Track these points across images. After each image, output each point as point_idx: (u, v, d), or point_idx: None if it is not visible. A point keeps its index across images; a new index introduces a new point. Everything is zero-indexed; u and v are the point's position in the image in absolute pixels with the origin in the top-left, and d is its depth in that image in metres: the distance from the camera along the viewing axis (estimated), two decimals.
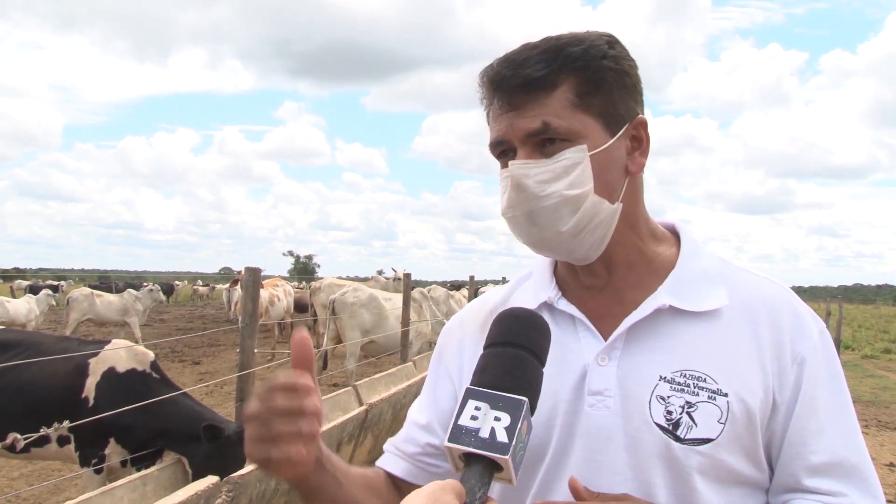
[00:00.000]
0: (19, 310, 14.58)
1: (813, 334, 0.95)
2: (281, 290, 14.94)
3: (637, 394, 0.93)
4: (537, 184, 0.92)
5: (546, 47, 0.94)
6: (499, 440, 0.68)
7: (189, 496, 2.98)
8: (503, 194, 0.97)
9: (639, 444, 0.91)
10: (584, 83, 0.93)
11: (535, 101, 0.92)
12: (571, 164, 0.92)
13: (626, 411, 0.93)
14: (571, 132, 0.93)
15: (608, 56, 0.95)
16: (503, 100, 0.95)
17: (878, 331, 27.18)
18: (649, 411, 0.92)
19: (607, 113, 0.95)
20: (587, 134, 0.93)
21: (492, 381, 0.72)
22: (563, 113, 0.92)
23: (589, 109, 0.94)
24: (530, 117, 0.92)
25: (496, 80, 0.95)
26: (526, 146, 0.94)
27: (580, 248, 0.96)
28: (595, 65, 0.94)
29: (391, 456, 1.13)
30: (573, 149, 0.93)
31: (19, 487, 5.51)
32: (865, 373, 14.82)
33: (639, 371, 0.94)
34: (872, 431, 8.70)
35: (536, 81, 0.92)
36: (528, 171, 0.93)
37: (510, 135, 0.94)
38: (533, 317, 0.81)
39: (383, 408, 5.68)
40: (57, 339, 4.80)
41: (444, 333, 1.17)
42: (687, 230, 1.07)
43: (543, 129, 0.92)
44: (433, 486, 0.66)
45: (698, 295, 0.97)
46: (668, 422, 0.90)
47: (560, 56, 0.93)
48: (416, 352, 9.39)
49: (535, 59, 0.93)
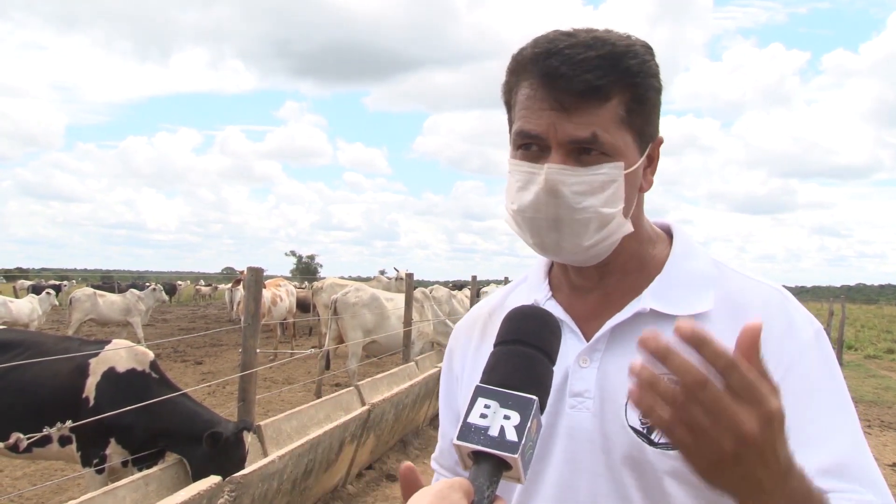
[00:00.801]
0: (22, 310, 14.60)
1: (805, 336, 0.92)
2: (283, 290, 14.94)
3: (615, 396, 0.92)
4: (574, 194, 0.89)
5: (604, 52, 0.89)
6: (508, 439, 0.67)
7: (191, 496, 2.98)
8: (520, 190, 0.93)
9: (614, 446, 0.92)
10: (633, 100, 0.90)
11: (588, 109, 0.88)
12: (608, 180, 0.90)
13: (604, 413, 0.93)
14: (614, 148, 0.90)
15: (654, 74, 0.93)
16: (552, 96, 0.89)
17: (880, 331, 27.17)
18: (625, 414, 0.91)
19: (643, 132, 0.93)
20: (626, 152, 0.91)
21: (501, 380, 0.71)
22: (610, 127, 0.89)
23: (631, 128, 0.91)
24: (580, 124, 0.88)
25: (549, 74, 0.89)
26: (563, 150, 0.90)
27: (583, 258, 0.96)
28: (646, 83, 0.91)
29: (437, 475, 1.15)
30: (611, 164, 0.90)
31: (22, 487, 5.51)
32: (868, 373, 14.81)
33: (617, 374, 0.93)
34: (875, 432, 8.69)
35: (596, 90, 0.88)
36: (567, 178, 0.89)
37: (551, 134, 0.90)
38: (544, 315, 0.80)
39: (385, 408, 5.67)
40: (58, 339, 4.80)
41: (451, 339, 1.18)
42: (681, 231, 1.05)
43: (591, 139, 0.89)
44: (442, 483, 0.65)
45: (683, 298, 0.95)
46: (643, 425, 0.90)
47: (619, 67, 0.89)
48: (418, 352, 9.39)
49: (593, 64, 0.88)
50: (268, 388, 9.82)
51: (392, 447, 6.59)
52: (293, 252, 69.02)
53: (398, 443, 6.76)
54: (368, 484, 5.72)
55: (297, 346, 14.72)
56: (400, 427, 6.48)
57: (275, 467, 3.70)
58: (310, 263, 67.70)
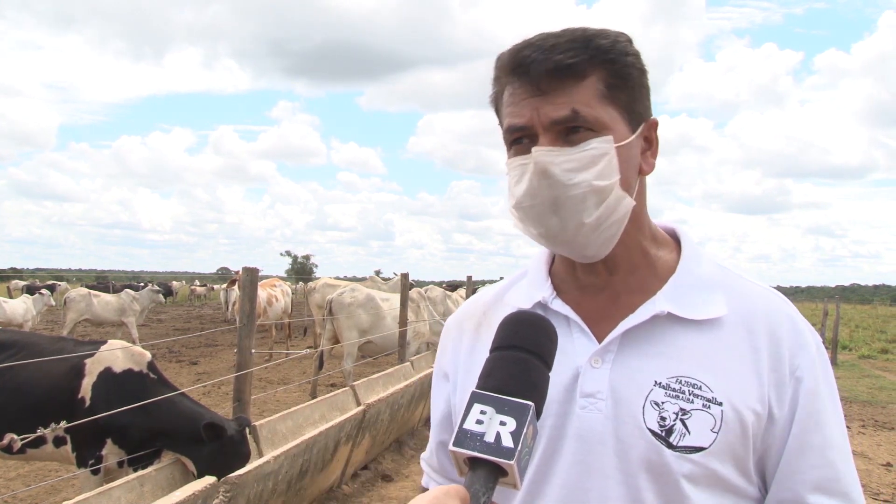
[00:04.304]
0: (16, 310, 14.53)
1: (811, 348, 0.94)
2: (279, 290, 14.91)
3: (630, 398, 0.92)
4: (564, 172, 0.90)
5: (573, 36, 0.91)
6: (504, 445, 0.67)
7: (186, 496, 2.97)
8: (517, 183, 0.94)
9: (630, 448, 0.90)
10: (612, 76, 0.92)
11: (565, 88, 0.90)
12: (599, 154, 0.90)
13: (618, 415, 0.92)
14: (599, 122, 0.91)
15: (631, 53, 0.94)
16: (529, 84, 0.91)
17: (875, 331, 27.22)
18: (643, 416, 0.91)
19: (630, 109, 0.94)
20: (613, 126, 0.92)
21: (497, 385, 0.71)
22: (592, 102, 0.90)
23: (615, 103, 0.92)
24: (559, 104, 0.90)
25: (522, 64, 0.91)
26: (550, 133, 0.91)
27: (594, 244, 0.94)
28: (622, 60, 0.93)
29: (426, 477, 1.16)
30: (600, 139, 0.91)
31: (16, 488, 5.48)
32: (863, 373, 14.85)
33: (633, 375, 0.93)
34: (870, 431, 8.71)
35: (568, 68, 0.89)
36: (554, 158, 0.90)
37: (534, 120, 0.91)
38: (540, 321, 0.80)
39: (381, 408, 5.67)
40: (53, 339, 4.78)
41: (441, 336, 1.17)
42: (688, 235, 1.06)
43: (572, 117, 0.90)
44: (437, 490, 0.65)
45: (698, 303, 0.95)
46: (662, 428, 0.89)
47: (590, 46, 0.91)
48: (413, 352, 9.38)
49: (564, 46, 0.90)
50: (263, 388, 9.80)
51: (387, 447, 6.59)
52: (288, 252, 69.07)
53: (394, 443, 6.75)
54: (364, 484, 5.71)
55: (293, 347, 14.69)
56: (395, 427, 6.48)
57: (270, 468, 3.69)
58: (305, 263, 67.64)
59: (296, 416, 5.10)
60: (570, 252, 0.98)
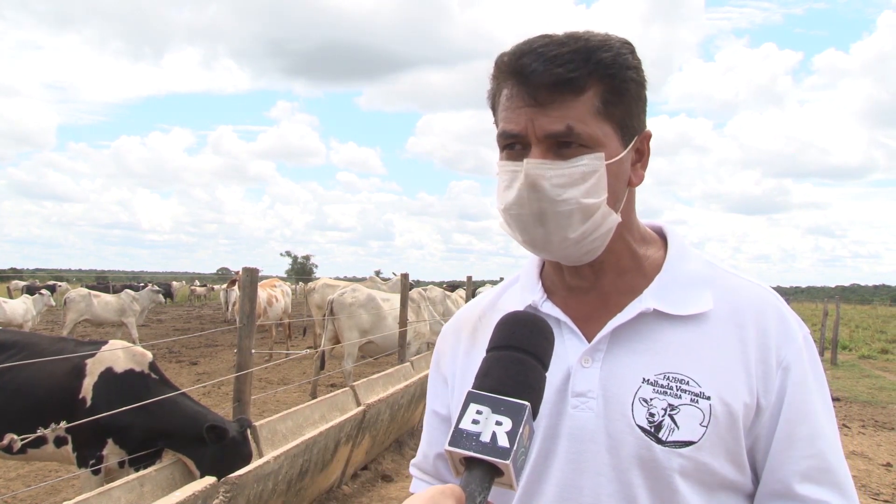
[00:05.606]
0: (16, 310, 14.53)
1: (798, 339, 0.95)
2: (279, 290, 14.90)
3: (620, 396, 0.93)
4: (553, 187, 0.91)
5: (576, 47, 0.91)
6: (500, 445, 0.67)
7: (186, 496, 2.98)
8: (506, 189, 0.94)
9: (621, 445, 0.92)
10: (610, 91, 0.92)
11: (562, 102, 0.90)
12: (589, 171, 0.91)
13: (609, 413, 0.93)
14: (592, 139, 0.91)
15: (632, 66, 0.94)
16: (527, 93, 0.91)
17: (875, 331, 27.17)
18: (632, 413, 0.92)
19: (624, 124, 0.95)
20: (606, 143, 0.93)
21: (494, 385, 0.72)
22: (587, 118, 0.91)
23: (610, 118, 0.93)
24: (555, 118, 0.90)
25: (522, 72, 0.91)
26: (542, 145, 0.92)
27: (576, 254, 0.96)
28: (622, 74, 0.93)
29: (417, 481, 1.16)
30: (591, 155, 0.91)
31: (16, 488, 5.48)
32: (863, 373, 14.83)
33: (622, 373, 0.94)
34: (870, 431, 8.70)
35: (568, 83, 0.90)
36: (545, 171, 0.91)
37: (528, 130, 0.92)
38: (537, 321, 0.80)
39: (381, 408, 5.67)
40: (53, 339, 4.78)
41: (438, 341, 1.18)
42: (674, 232, 1.07)
43: (567, 132, 0.90)
44: (433, 490, 0.65)
45: (684, 298, 0.97)
46: (651, 424, 0.91)
47: (591, 60, 0.90)
48: (414, 352, 9.38)
49: (565, 58, 0.90)
50: (263, 388, 9.80)
51: (387, 448, 6.59)
52: (288, 252, 69.03)
53: (394, 443, 6.75)
54: (364, 484, 5.71)
55: (293, 347, 14.68)
56: (395, 427, 6.48)
57: (270, 468, 3.70)
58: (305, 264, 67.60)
59: (296, 416, 5.11)
60: (551, 258, 1.01)
